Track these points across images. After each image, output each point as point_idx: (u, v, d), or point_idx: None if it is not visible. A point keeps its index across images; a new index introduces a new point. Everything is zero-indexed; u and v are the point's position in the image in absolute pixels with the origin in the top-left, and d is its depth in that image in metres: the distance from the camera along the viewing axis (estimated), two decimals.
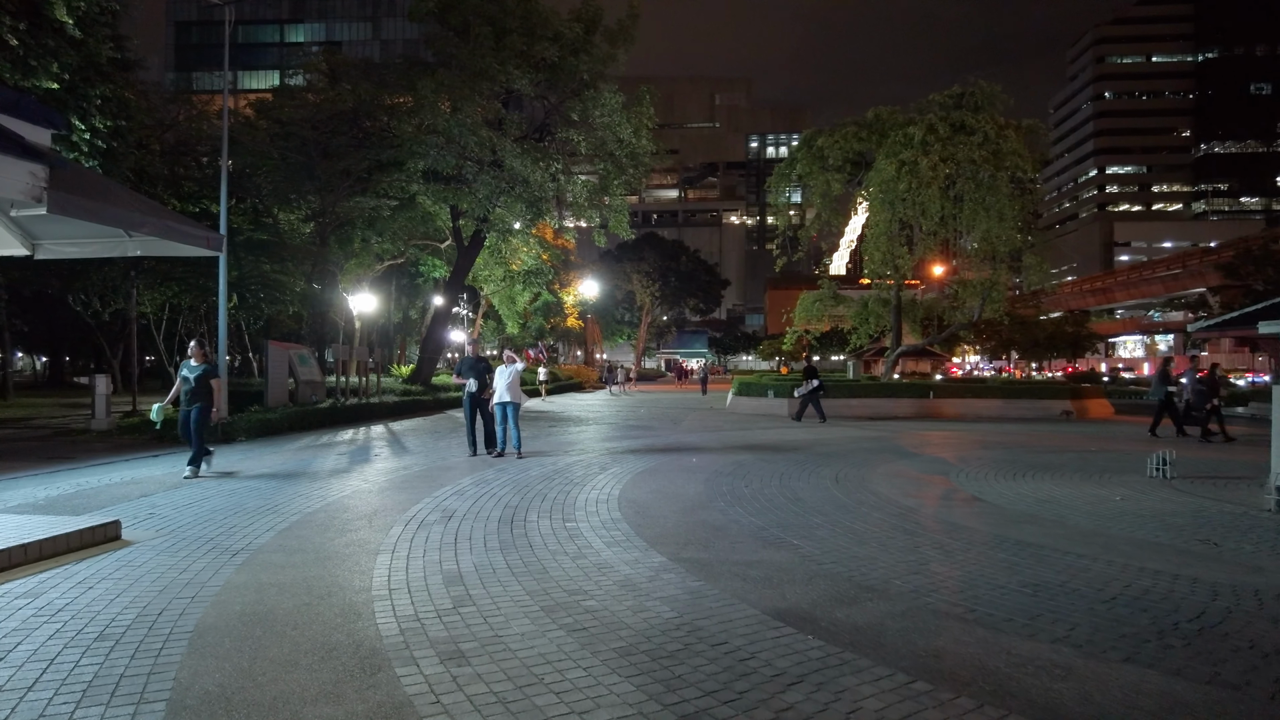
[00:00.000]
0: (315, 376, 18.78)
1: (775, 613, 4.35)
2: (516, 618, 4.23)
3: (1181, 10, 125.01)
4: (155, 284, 20.89)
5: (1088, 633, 4.08)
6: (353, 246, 24.78)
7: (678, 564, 5.38)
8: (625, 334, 74.80)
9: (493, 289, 32.95)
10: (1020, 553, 5.79)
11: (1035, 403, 21.91)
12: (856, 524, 6.78)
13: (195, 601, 4.47)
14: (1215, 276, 52.05)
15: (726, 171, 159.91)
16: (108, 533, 5.90)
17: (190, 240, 6.46)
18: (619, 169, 24.34)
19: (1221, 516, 7.26)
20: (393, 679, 3.40)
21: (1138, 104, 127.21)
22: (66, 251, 6.95)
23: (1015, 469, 10.43)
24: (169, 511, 7.07)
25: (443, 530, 6.39)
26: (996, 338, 54.22)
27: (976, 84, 23.89)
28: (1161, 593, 4.82)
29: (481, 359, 12.29)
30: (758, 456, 11.54)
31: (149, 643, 3.81)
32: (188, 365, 9.27)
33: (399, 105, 23.80)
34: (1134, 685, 3.41)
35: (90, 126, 14.13)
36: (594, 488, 8.62)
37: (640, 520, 6.86)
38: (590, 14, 23.28)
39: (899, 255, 23.69)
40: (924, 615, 4.34)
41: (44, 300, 26.61)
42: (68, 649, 3.73)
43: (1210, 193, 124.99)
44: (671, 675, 3.46)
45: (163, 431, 13.87)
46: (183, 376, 9.26)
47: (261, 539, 6.03)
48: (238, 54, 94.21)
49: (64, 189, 5.04)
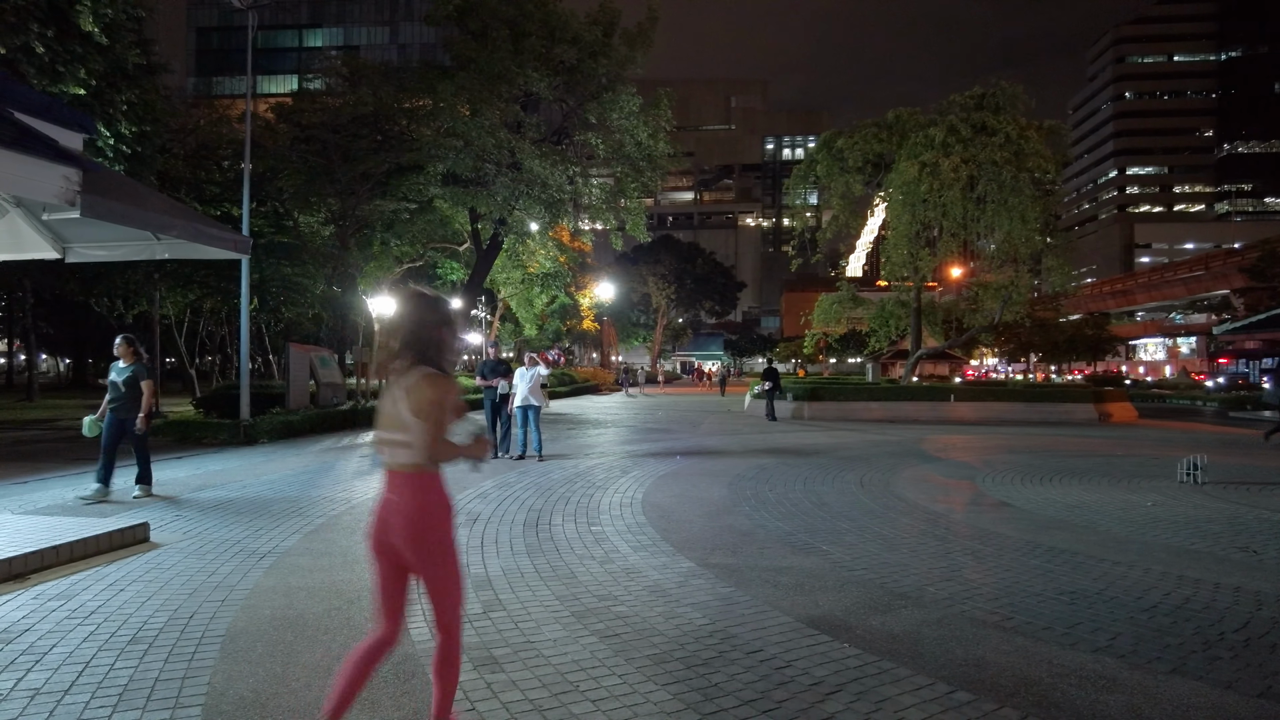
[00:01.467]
0: (336, 379, 18.88)
1: (809, 620, 4.29)
2: (548, 623, 4.19)
3: (1204, 9, 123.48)
4: (177, 287, 21.10)
5: (1130, 643, 3.98)
6: (372, 249, 24.90)
7: (707, 569, 5.32)
8: (641, 336, 74.74)
9: (510, 291, 33.00)
10: (1054, 559, 5.69)
11: (1057, 406, 21.65)
12: (885, 529, 6.69)
13: (225, 605, 4.47)
14: (1239, 278, 51.29)
15: (742, 174, 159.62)
16: (136, 535, 5.93)
17: (218, 243, 6.48)
18: (636, 171, 24.32)
19: (1259, 524, 7.11)
20: (426, 686, 3.36)
21: (1159, 104, 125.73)
22: (96, 255, 6.99)
23: (1042, 473, 10.28)
24: (194, 514, 7.10)
25: (468, 534, 6.37)
26: (1016, 340, 53.72)
27: (998, 85, 23.66)
28: (1203, 602, 4.71)
29: (503, 361, 12.32)
30: (780, 460, 11.46)
31: (182, 646, 3.81)
32: (115, 367, 7.79)
33: (418, 109, 23.90)
34: (1184, 699, 3.32)
35: (116, 132, 14.28)
36: (617, 491, 8.58)
37: (665, 524, 6.81)
38: (608, 17, 23.28)
39: (920, 257, 23.47)
40: (961, 623, 4.26)
41: (68, 303, 26.95)
42: (102, 652, 3.73)
43: (1233, 193, 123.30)
44: (708, 684, 3.41)
45: (185, 433, 14.02)
46: (110, 380, 7.79)
47: (288, 542, 6.04)
48: (257, 59, 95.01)
49: (96, 192, 5.06)
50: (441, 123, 22.14)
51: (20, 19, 12.15)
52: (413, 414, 2.50)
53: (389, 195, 23.00)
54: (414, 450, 2.51)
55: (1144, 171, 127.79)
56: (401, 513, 2.52)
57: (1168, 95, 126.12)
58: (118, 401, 7.67)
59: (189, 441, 13.30)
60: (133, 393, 7.69)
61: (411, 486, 2.53)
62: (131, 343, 7.83)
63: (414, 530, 2.51)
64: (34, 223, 6.48)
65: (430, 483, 2.56)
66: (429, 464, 2.54)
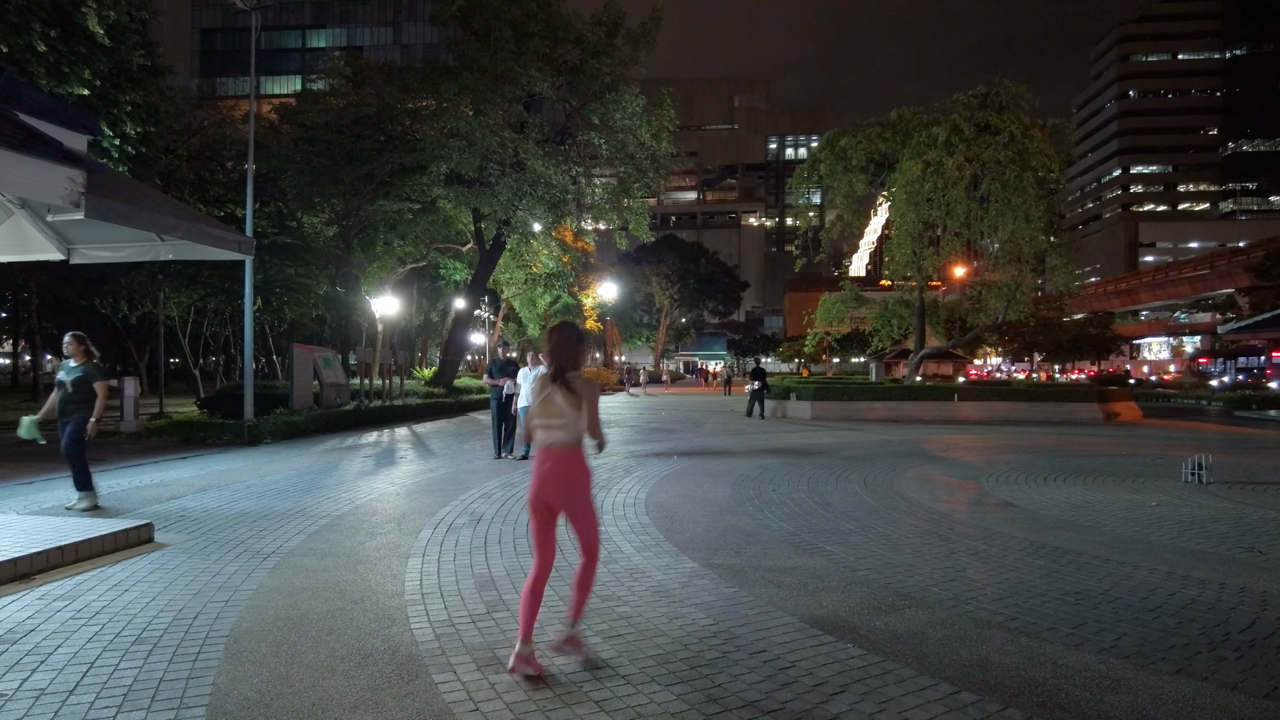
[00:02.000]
0: (340, 379, 18.91)
1: (813, 620, 4.28)
2: (551, 623, 4.19)
3: (1209, 8, 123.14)
4: (181, 287, 21.12)
5: (1135, 643, 3.97)
6: (375, 250, 24.95)
7: (710, 570, 5.32)
8: (644, 336, 74.73)
9: (513, 292, 33.04)
10: (1058, 559, 5.67)
11: (1061, 406, 21.59)
12: (889, 530, 6.68)
13: (229, 605, 4.48)
14: (1245, 277, 51.11)
15: (745, 173, 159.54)
16: (141, 535, 5.94)
17: (222, 244, 6.50)
18: (639, 171, 24.35)
19: (1265, 523, 7.08)
20: (430, 686, 3.38)
21: (1163, 103, 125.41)
22: (101, 256, 7.01)
23: (1046, 473, 10.26)
24: (199, 514, 7.11)
25: (472, 534, 6.37)
26: (1020, 340, 53.61)
27: (1001, 83, 23.60)
28: (1209, 602, 4.69)
29: (511, 361, 12.32)
30: (783, 460, 11.45)
31: (186, 647, 3.82)
32: (65, 365, 7.23)
33: (422, 109, 23.94)
34: (1189, 699, 3.31)
35: (121, 133, 14.31)
36: (620, 491, 8.58)
37: (669, 525, 6.80)
38: (612, 17, 23.30)
39: (924, 256, 23.41)
40: (965, 624, 4.25)
41: (74, 304, 27.02)
42: (107, 652, 3.74)
43: (1238, 192, 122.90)
44: (712, 684, 3.41)
45: (189, 434, 14.05)
46: (58, 380, 7.18)
47: (292, 542, 6.05)
48: (260, 60, 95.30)
49: (100, 193, 5.07)
50: (445, 123, 22.17)
51: (23, 19, 12.18)
52: (572, 406, 3.54)
53: (392, 195, 23.02)
54: (567, 432, 3.56)
55: (1148, 170, 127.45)
56: (557, 476, 3.58)
57: (1172, 94, 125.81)
58: (67, 403, 7.02)
59: (193, 442, 13.32)
60: (81, 394, 7.01)
61: (565, 459, 3.59)
62: (82, 340, 7.23)
63: (569, 488, 3.60)
64: (39, 224, 6.50)
65: (577, 455, 3.62)
66: (576, 442, 3.59)
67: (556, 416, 3.55)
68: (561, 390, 3.56)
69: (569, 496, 3.60)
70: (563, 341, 3.68)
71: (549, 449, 3.58)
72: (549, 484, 3.58)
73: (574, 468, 3.60)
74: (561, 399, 3.54)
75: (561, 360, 3.64)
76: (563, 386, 3.57)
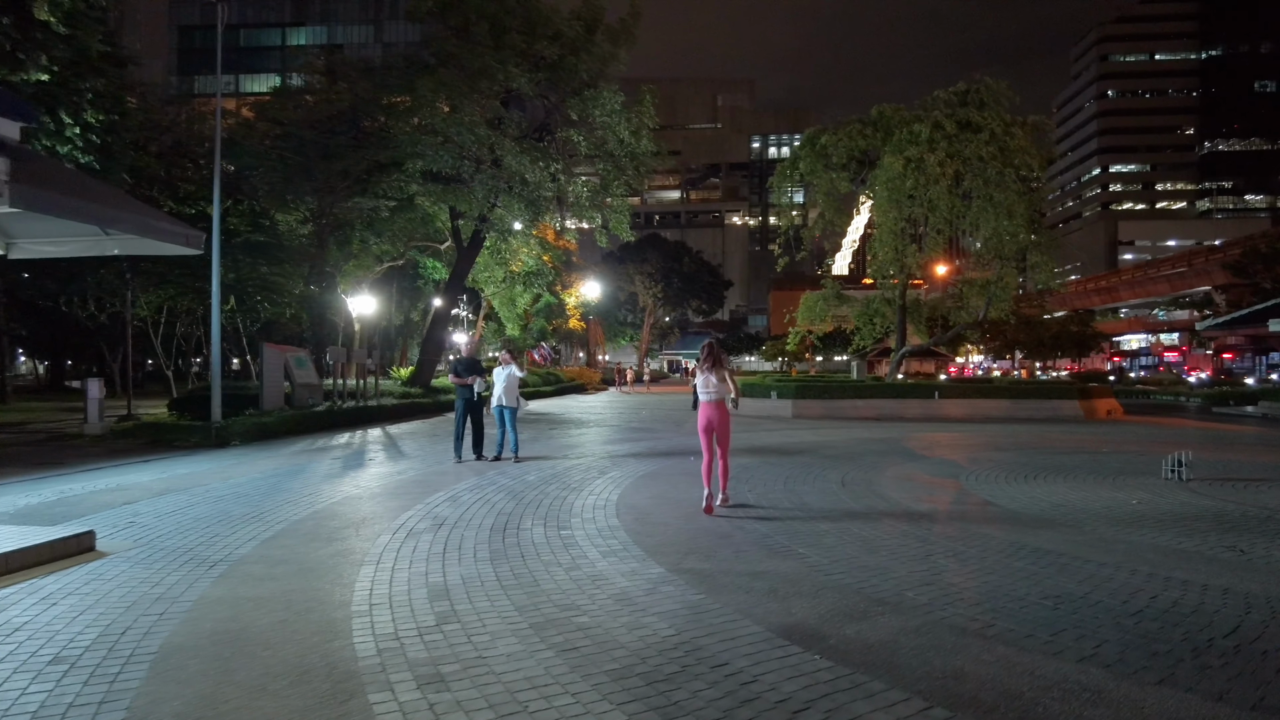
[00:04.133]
0: (312, 379, 18.53)
1: (781, 629, 4.07)
2: (503, 636, 3.96)
3: (1186, 9, 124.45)
4: (151, 286, 20.65)
5: (1116, 650, 3.79)
6: (351, 248, 24.54)
7: (678, 575, 5.10)
8: (628, 335, 74.50)
9: (493, 290, 32.71)
10: (1039, 561, 5.50)
11: (1043, 403, 21.57)
12: (866, 531, 6.49)
13: (164, 619, 4.21)
14: (1222, 275, 51.64)
15: (729, 172, 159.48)
16: (81, 544, 5.64)
17: (169, 237, 6.20)
18: (619, 169, 24.08)
19: (1245, 521, 6.96)
20: (365, 706, 3.14)
21: (1142, 102, 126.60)
22: (43, 250, 6.70)
23: (1027, 471, 10.13)
24: (151, 520, 6.81)
25: (432, 539, 6.12)
26: (1001, 338, 53.86)
27: (982, 81, 23.52)
28: (1192, 605, 4.53)
29: (477, 360, 12.03)
30: (762, 460, 11.26)
31: (106, 666, 3.55)
32: None
33: (397, 105, 23.58)
34: (1173, 712, 3.12)
35: (82, 121, 13.90)
36: (591, 493, 8.35)
37: (639, 528, 6.58)
38: (591, 13, 23.00)
39: (907, 253, 23.30)
40: (940, 631, 4.06)
41: (45, 304, 26.42)
42: (17, 674, 3.46)
43: (1215, 191, 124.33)
44: (668, 702, 3.19)
45: (157, 435, 13.67)
46: None
47: (243, 549, 5.77)
48: (240, 58, 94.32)
49: (30, 183, 4.78)
50: (420, 119, 21.82)
51: None
52: (722, 381, 7.26)
53: (368, 193, 22.65)
54: (722, 393, 7.27)
55: (1127, 169, 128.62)
56: (719, 411, 7.27)
57: (1150, 94, 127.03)
58: None
59: (160, 444, 12.95)
60: None
61: (719, 406, 7.28)
62: None
63: (722, 420, 7.31)
64: None
65: (724, 405, 7.29)
66: (726, 399, 7.27)
67: (718, 386, 7.26)
68: (717, 372, 7.27)
69: (721, 424, 7.29)
70: (716, 350, 7.43)
71: (711, 402, 7.27)
72: (714, 417, 7.26)
73: (722, 410, 7.27)
74: (716, 378, 7.26)
75: (717, 358, 7.34)
76: (719, 370, 7.28)
